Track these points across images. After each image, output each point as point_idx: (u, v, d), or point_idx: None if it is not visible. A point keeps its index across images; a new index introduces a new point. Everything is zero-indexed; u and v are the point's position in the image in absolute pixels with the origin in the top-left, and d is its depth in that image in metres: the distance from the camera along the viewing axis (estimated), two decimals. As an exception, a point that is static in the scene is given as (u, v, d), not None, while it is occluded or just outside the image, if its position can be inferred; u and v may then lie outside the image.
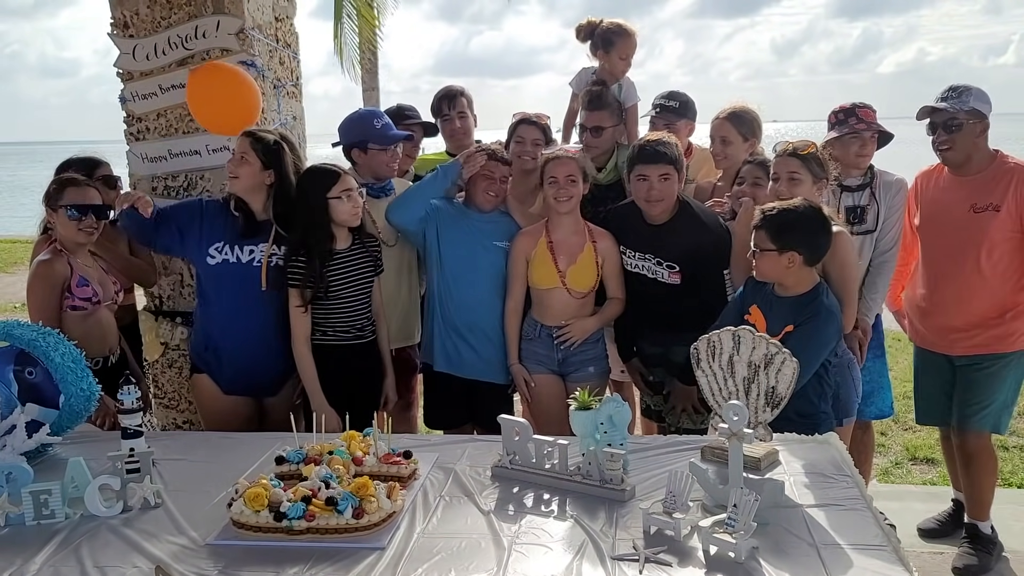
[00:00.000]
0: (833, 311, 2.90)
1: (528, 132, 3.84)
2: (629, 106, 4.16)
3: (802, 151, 3.23)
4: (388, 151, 3.59)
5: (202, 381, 3.37)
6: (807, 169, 3.21)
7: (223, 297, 3.30)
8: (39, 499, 2.27)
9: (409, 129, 3.99)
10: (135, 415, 2.49)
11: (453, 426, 3.65)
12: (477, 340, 3.57)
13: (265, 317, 3.28)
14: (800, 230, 2.87)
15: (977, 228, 3.42)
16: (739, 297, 3.11)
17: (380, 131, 3.59)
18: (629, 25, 4.17)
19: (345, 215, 3.23)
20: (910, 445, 4.97)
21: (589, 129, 4.00)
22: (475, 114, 4.35)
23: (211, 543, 2.14)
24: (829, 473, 2.43)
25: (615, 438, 2.39)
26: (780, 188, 3.21)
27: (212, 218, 3.31)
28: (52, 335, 2.79)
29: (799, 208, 2.91)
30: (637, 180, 3.39)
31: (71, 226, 3.20)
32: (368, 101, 12.60)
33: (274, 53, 3.83)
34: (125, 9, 3.78)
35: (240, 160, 3.24)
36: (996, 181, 3.43)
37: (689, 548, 2.03)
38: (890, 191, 3.58)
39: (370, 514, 2.15)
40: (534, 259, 3.49)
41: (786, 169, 3.22)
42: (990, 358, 3.49)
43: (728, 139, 3.73)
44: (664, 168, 3.34)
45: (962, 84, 3.50)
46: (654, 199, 3.37)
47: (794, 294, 2.92)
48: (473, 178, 3.55)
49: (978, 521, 3.63)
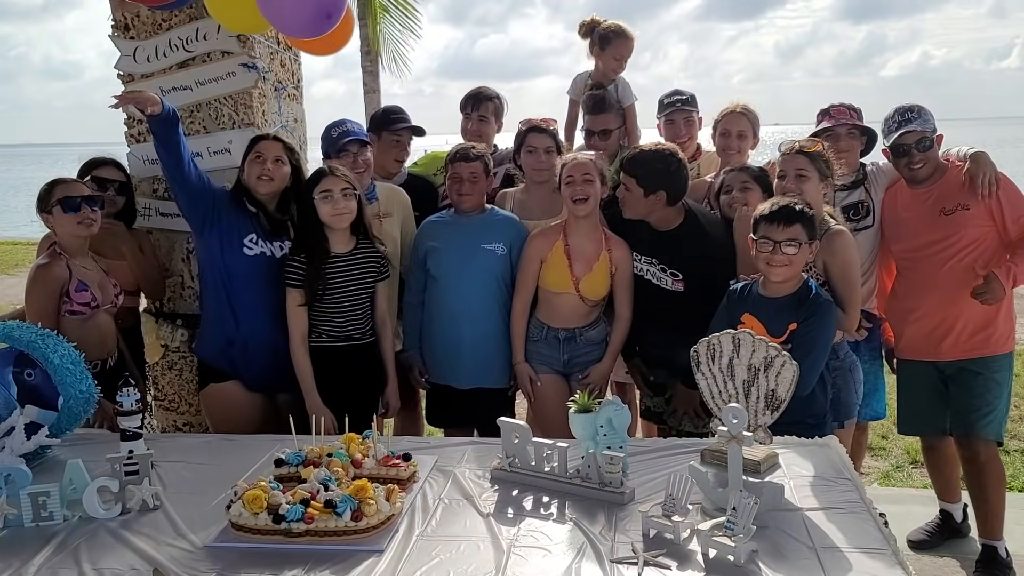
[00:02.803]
0: (831, 302, 2.93)
1: (539, 141, 3.73)
2: (627, 106, 4.19)
3: (809, 149, 3.23)
4: (342, 158, 3.57)
5: (224, 385, 3.35)
6: (814, 166, 3.21)
7: (253, 291, 3.31)
8: (37, 501, 2.27)
9: (396, 133, 3.98)
10: (134, 417, 2.49)
11: (455, 425, 3.65)
12: (473, 348, 3.55)
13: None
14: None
15: (952, 229, 3.42)
16: (724, 309, 3.07)
17: (334, 140, 3.64)
18: (629, 29, 4.23)
19: (325, 216, 3.24)
20: (911, 448, 4.96)
21: (596, 133, 4.00)
22: (502, 122, 4.30)
23: (209, 545, 2.13)
24: (829, 476, 2.43)
25: (615, 441, 2.39)
26: (787, 185, 3.20)
27: (235, 210, 3.34)
28: (51, 337, 2.79)
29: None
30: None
31: (69, 221, 3.19)
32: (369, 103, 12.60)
33: (275, 55, 3.83)
34: (126, 11, 3.79)
35: (276, 162, 3.30)
36: (955, 182, 3.45)
37: (688, 551, 2.03)
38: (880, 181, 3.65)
39: (369, 517, 2.15)
40: (548, 261, 3.48)
41: (793, 166, 3.22)
42: (981, 362, 3.46)
43: (745, 133, 3.79)
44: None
45: (912, 104, 3.53)
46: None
47: (784, 293, 2.91)
48: (448, 183, 3.59)
49: (994, 542, 3.56)
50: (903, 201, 3.59)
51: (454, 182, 3.57)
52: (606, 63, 4.21)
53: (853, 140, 3.65)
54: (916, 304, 3.53)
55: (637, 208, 3.39)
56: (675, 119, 4.07)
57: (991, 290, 3.30)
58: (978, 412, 3.47)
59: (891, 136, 3.50)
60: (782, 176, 3.25)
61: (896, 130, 3.48)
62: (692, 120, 4.08)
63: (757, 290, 2.98)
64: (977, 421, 3.47)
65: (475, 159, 3.55)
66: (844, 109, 3.65)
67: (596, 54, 4.25)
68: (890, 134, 3.51)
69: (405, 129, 4.01)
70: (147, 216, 3.88)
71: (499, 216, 3.66)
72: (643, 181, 3.32)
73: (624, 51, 4.22)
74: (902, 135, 3.46)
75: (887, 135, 3.54)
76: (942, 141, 3.55)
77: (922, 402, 3.64)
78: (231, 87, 3.68)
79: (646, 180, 3.31)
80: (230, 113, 3.71)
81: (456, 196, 3.58)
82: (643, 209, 3.38)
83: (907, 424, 3.79)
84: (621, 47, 4.20)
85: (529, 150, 3.74)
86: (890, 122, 3.53)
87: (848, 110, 3.66)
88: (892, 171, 3.65)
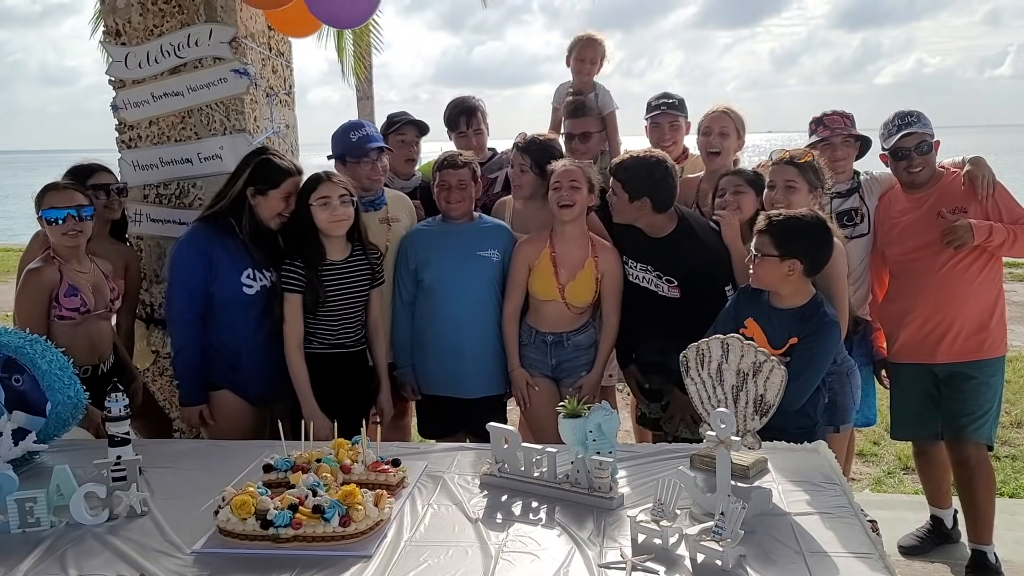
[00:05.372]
0: (835, 322, 2.89)
1: (516, 158, 3.72)
2: (607, 113, 4.23)
3: (799, 160, 3.24)
4: (362, 164, 3.54)
5: (225, 397, 3.30)
6: (803, 178, 3.23)
7: (255, 321, 3.26)
8: (24, 507, 2.26)
9: (400, 130, 3.98)
10: (122, 423, 2.48)
11: (447, 435, 3.64)
12: (473, 357, 3.55)
13: None
14: (804, 238, 2.85)
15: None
16: (732, 307, 3.09)
17: (355, 144, 3.54)
18: (596, 33, 4.37)
19: (322, 223, 3.20)
20: (903, 455, 4.97)
21: (576, 136, 4.04)
22: (488, 123, 4.34)
23: (197, 551, 2.12)
24: (817, 481, 2.43)
25: (604, 446, 2.39)
26: (776, 196, 3.22)
27: (220, 244, 3.22)
28: (39, 342, 2.78)
29: (805, 217, 2.90)
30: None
31: (54, 232, 3.15)
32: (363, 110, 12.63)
33: (267, 62, 3.84)
34: (117, 17, 3.80)
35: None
36: (953, 187, 3.48)
37: (676, 556, 2.02)
38: (874, 189, 3.67)
39: (357, 522, 2.14)
40: (536, 269, 3.49)
41: (783, 177, 3.24)
42: (974, 365, 3.48)
43: (726, 132, 3.78)
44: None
45: (911, 110, 3.56)
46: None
47: (792, 306, 2.90)
48: (436, 191, 3.60)
49: (984, 547, 3.57)
50: (900, 206, 3.60)
51: (442, 189, 3.57)
52: (576, 67, 4.32)
53: (848, 148, 3.67)
54: (911, 307, 3.54)
55: (624, 213, 3.41)
56: (660, 122, 4.09)
57: (957, 233, 3.33)
58: (970, 416, 3.48)
59: (891, 140, 3.52)
60: (771, 186, 3.27)
61: (896, 133, 3.50)
62: (678, 124, 4.10)
63: (767, 297, 2.98)
64: (968, 425, 3.49)
65: (462, 166, 3.55)
66: (838, 117, 3.67)
67: (569, 61, 4.37)
68: (889, 137, 3.53)
69: (407, 124, 3.99)
70: (138, 222, 3.87)
71: (489, 223, 3.67)
72: (628, 187, 3.34)
73: (588, 53, 4.30)
74: (902, 138, 3.48)
75: (886, 139, 3.56)
76: (939, 148, 3.57)
77: (915, 406, 3.65)
78: (223, 93, 3.69)
79: (630, 186, 3.34)
80: (221, 119, 3.71)
81: (445, 204, 3.58)
82: (629, 214, 3.39)
83: (900, 429, 3.80)
84: (585, 49, 4.30)
85: (511, 166, 3.80)
86: (890, 126, 3.56)
87: (842, 118, 3.68)
88: (886, 179, 3.67)
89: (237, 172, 3.27)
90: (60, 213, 3.12)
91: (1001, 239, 3.35)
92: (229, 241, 3.22)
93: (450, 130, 4.28)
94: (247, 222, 3.23)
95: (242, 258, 3.23)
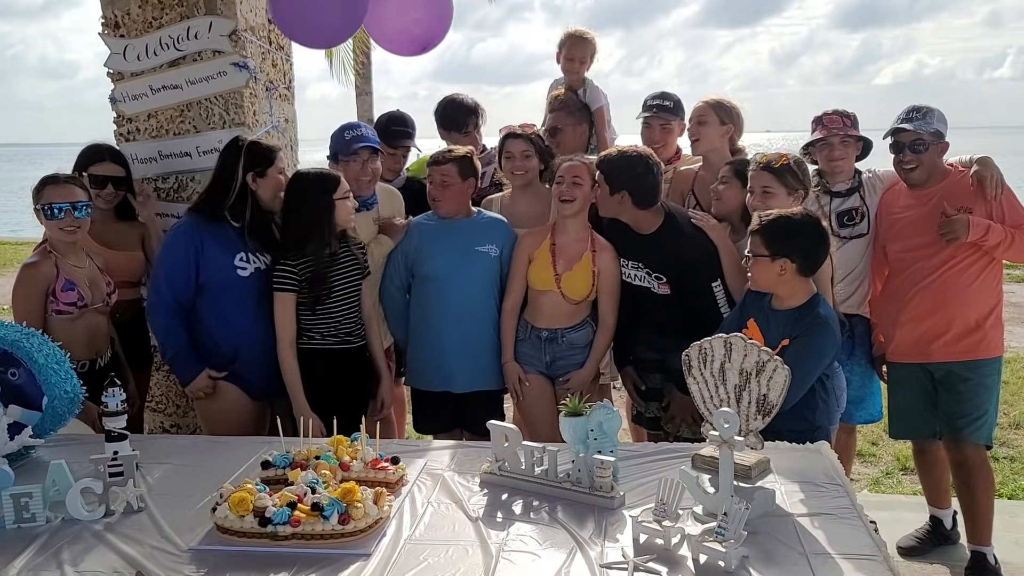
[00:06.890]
0: (829, 322, 2.84)
1: (515, 146, 3.76)
2: (595, 109, 4.24)
3: (775, 164, 3.24)
4: (352, 162, 3.54)
5: (225, 390, 3.28)
6: (780, 182, 3.24)
7: (253, 305, 3.24)
8: (20, 502, 2.24)
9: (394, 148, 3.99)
10: (119, 418, 2.45)
11: (442, 431, 3.63)
12: (473, 351, 3.54)
13: None
14: (794, 237, 2.84)
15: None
16: (738, 309, 3.09)
17: (347, 143, 3.57)
18: (585, 31, 4.38)
19: (347, 217, 3.26)
20: (901, 455, 4.96)
21: (550, 129, 4.08)
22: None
23: (194, 548, 2.11)
24: (820, 482, 2.42)
25: (605, 445, 2.37)
26: (754, 202, 3.26)
27: (210, 232, 3.21)
28: (36, 336, 2.76)
29: (796, 216, 2.88)
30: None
31: (51, 226, 3.13)
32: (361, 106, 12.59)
33: (267, 55, 3.81)
34: (116, 9, 3.77)
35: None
36: (960, 187, 3.46)
37: (679, 557, 2.01)
38: (876, 188, 3.66)
39: (356, 520, 2.12)
40: (535, 259, 3.51)
41: (759, 184, 3.27)
42: (969, 366, 3.47)
43: (705, 120, 3.77)
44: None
45: (924, 105, 3.54)
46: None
47: (790, 306, 2.87)
48: (428, 188, 3.60)
49: (983, 548, 3.55)
50: (903, 201, 3.59)
51: (430, 186, 3.60)
52: (566, 65, 4.34)
53: (848, 147, 3.65)
54: (908, 305, 3.53)
55: (606, 206, 3.43)
56: (651, 124, 4.07)
57: (952, 227, 3.32)
58: (968, 416, 3.47)
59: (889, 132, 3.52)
60: (750, 191, 3.31)
61: (896, 125, 3.50)
62: (670, 128, 4.05)
63: (770, 298, 2.96)
64: (967, 425, 3.48)
65: (445, 162, 3.55)
66: (837, 117, 3.65)
67: (558, 57, 4.39)
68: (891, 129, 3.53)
69: (404, 147, 4.06)
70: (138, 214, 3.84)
71: (487, 218, 3.66)
72: (608, 179, 3.37)
73: (577, 52, 4.32)
74: (897, 132, 3.49)
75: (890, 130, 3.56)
76: (946, 150, 3.53)
77: (913, 405, 3.64)
78: (222, 86, 3.66)
79: (611, 179, 3.36)
80: (221, 113, 3.69)
81: (430, 200, 3.60)
82: (611, 208, 3.41)
83: (898, 428, 3.79)
84: (574, 48, 4.32)
85: (507, 156, 3.78)
86: (897, 118, 3.55)
87: (841, 118, 3.66)
88: (889, 176, 3.66)
89: (231, 165, 3.24)
90: (58, 208, 3.11)
91: (998, 240, 3.34)
92: (219, 228, 3.24)
93: (449, 130, 4.25)
94: (250, 211, 3.24)
95: (233, 243, 3.24)
